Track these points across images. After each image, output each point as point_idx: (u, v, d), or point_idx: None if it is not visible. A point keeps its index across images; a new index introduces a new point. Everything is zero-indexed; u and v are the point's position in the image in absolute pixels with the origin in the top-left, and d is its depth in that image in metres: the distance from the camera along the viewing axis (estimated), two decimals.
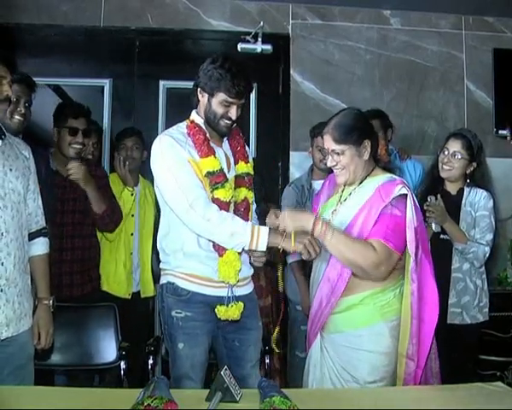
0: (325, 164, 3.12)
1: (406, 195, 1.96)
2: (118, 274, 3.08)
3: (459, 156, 2.71)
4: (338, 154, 2.05)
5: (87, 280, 2.86)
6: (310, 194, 3.25)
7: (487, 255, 2.68)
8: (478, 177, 2.77)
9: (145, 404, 1.41)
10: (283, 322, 3.32)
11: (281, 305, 3.21)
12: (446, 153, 2.74)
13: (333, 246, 1.95)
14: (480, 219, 2.69)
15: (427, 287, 2.02)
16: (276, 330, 2.31)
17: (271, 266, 3.13)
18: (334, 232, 1.93)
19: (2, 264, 1.94)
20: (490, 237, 2.68)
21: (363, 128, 2.08)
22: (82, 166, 2.72)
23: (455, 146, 2.73)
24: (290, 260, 3.19)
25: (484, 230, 2.68)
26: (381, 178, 2.06)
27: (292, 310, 3.40)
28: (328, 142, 2.07)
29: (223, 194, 2.08)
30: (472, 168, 2.75)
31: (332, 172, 2.19)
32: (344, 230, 2.02)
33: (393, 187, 1.97)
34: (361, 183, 2.09)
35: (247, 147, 2.34)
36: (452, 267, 2.69)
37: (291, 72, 4.06)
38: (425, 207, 2.61)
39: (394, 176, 2.07)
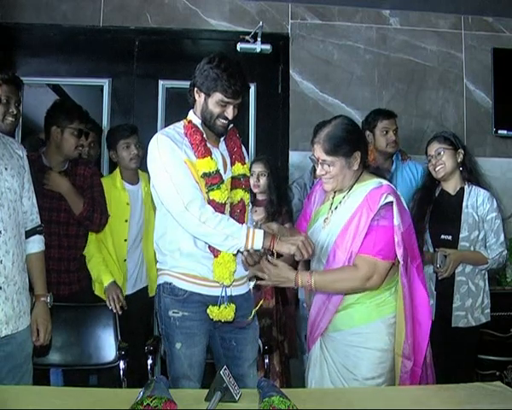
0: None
1: (392, 202, 1.97)
2: None
3: (442, 151, 2.76)
4: (328, 165, 2.07)
5: (75, 280, 2.85)
6: None
7: (506, 254, 2.76)
8: (470, 166, 2.81)
9: (144, 404, 1.41)
10: (286, 323, 3.34)
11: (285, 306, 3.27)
12: (431, 158, 2.80)
13: (320, 288, 2.03)
14: (492, 222, 2.72)
15: (416, 290, 2.05)
16: (261, 302, 2.30)
17: None
18: (315, 279, 1.99)
19: (1, 262, 1.95)
20: (503, 237, 2.73)
21: (355, 140, 2.08)
22: (51, 173, 2.74)
23: (434, 147, 2.79)
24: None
25: (498, 232, 2.72)
26: (369, 183, 2.07)
27: (300, 308, 3.40)
28: (319, 152, 2.08)
29: (218, 195, 2.08)
30: (461, 156, 2.79)
31: None
32: (336, 238, 2.05)
33: (379, 196, 1.98)
34: (350, 189, 2.11)
35: (243, 148, 2.34)
36: (456, 271, 2.70)
37: (290, 71, 4.06)
38: (436, 270, 2.69)
39: (382, 181, 2.08)
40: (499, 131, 4.10)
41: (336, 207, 2.12)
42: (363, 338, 2.03)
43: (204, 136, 2.15)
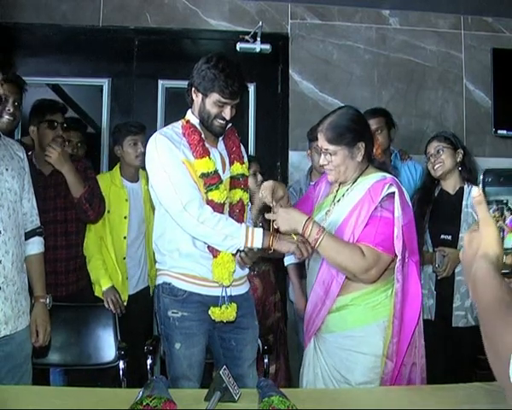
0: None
1: (394, 192, 1.92)
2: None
3: (442, 150, 2.77)
4: (330, 154, 2.02)
5: (73, 281, 2.85)
6: None
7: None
8: (469, 166, 2.81)
9: (144, 404, 1.41)
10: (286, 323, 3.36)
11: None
12: (430, 156, 2.80)
13: (323, 249, 1.93)
14: None
15: (410, 288, 1.98)
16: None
17: (277, 263, 3.20)
18: (324, 236, 1.90)
19: (1, 262, 1.95)
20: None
21: (358, 130, 2.03)
22: (58, 149, 2.69)
23: (434, 145, 2.80)
24: (287, 262, 3.21)
25: None
26: (373, 177, 2.02)
27: (296, 311, 3.42)
28: (322, 141, 2.04)
29: (217, 195, 2.08)
30: (460, 155, 2.79)
31: None
32: (336, 230, 2.00)
33: (382, 186, 1.94)
34: (354, 182, 2.06)
35: (242, 147, 2.33)
36: (456, 271, 2.69)
37: (290, 71, 4.05)
38: (435, 269, 2.69)
39: (387, 174, 2.03)
40: (499, 131, 4.10)
41: (339, 200, 2.08)
42: (356, 342, 1.97)
43: (202, 136, 2.15)
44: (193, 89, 2.15)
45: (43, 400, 1.61)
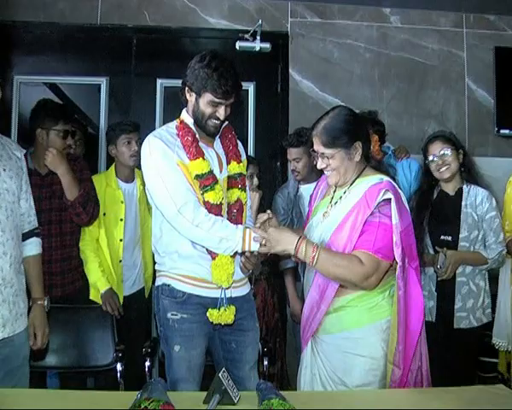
0: (297, 173, 3.19)
1: (391, 199, 1.90)
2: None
3: (447, 152, 2.71)
4: (328, 157, 2.00)
5: (68, 281, 2.82)
6: (296, 200, 3.24)
7: (505, 254, 2.74)
8: (469, 166, 2.79)
9: (142, 406, 1.40)
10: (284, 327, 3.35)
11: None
12: (435, 158, 2.74)
13: (320, 266, 1.91)
14: (491, 221, 2.69)
15: (412, 294, 1.96)
16: None
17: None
18: (320, 253, 1.89)
19: None
20: (502, 236, 2.71)
21: (354, 130, 2.00)
22: (54, 151, 2.66)
23: (438, 147, 2.74)
24: (283, 266, 3.19)
25: (497, 231, 2.69)
26: (370, 179, 2.00)
27: (291, 316, 3.41)
28: (317, 145, 2.01)
29: (213, 196, 2.04)
30: (462, 155, 2.76)
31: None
32: (332, 234, 1.98)
33: (377, 191, 1.91)
34: (352, 184, 2.04)
35: (240, 146, 2.30)
36: (457, 272, 2.67)
37: (290, 70, 4.04)
38: (436, 270, 2.66)
39: (384, 177, 2.00)
40: (501, 131, 4.09)
41: (336, 203, 2.06)
42: (353, 343, 1.96)
43: (196, 136, 2.11)
44: (186, 88, 2.11)
45: (40, 403, 1.60)
